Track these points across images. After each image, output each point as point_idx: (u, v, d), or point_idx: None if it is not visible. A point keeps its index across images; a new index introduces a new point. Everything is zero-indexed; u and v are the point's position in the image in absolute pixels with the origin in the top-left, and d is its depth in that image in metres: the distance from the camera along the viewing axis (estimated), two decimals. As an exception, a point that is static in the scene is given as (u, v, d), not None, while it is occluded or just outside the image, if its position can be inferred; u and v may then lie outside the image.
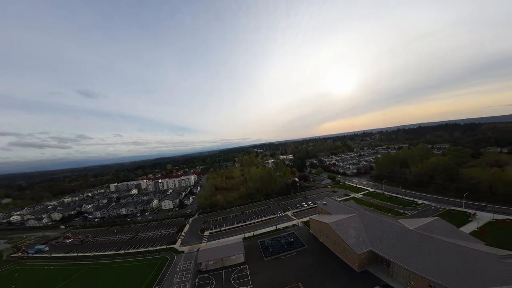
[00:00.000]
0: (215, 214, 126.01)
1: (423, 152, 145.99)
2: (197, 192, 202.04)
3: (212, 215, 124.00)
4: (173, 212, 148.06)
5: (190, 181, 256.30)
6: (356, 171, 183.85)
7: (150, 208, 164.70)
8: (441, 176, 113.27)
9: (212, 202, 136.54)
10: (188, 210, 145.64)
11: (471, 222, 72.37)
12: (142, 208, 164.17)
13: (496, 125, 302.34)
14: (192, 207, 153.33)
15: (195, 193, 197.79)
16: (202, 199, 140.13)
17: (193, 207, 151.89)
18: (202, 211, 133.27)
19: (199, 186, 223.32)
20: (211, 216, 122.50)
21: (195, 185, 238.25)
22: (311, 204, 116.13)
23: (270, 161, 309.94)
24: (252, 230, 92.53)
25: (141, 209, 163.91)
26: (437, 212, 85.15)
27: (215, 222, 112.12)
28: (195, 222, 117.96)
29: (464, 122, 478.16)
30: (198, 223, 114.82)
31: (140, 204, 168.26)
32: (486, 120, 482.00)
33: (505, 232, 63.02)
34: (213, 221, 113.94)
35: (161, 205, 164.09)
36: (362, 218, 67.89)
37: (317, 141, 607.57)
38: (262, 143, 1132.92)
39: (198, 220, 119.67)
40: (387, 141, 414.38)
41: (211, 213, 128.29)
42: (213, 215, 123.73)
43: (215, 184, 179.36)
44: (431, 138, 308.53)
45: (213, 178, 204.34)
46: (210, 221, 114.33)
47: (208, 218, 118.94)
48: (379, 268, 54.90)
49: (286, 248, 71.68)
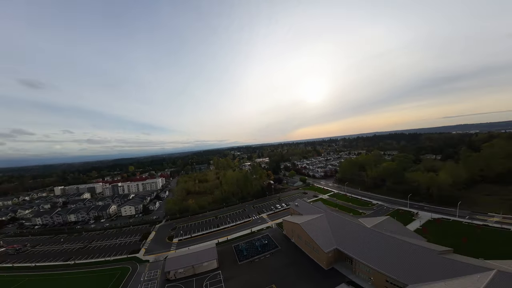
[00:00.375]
0: (186, 220, 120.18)
1: (377, 158, 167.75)
2: (165, 196, 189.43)
3: (182, 221, 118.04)
4: (135, 219, 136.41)
5: (156, 184, 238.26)
6: (324, 174, 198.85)
7: (106, 214, 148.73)
8: (391, 179, 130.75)
9: (183, 207, 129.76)
10: (154, 217, 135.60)
11: (415, 221, 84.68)
12: (97, 215, 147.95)
13: (432, 136, 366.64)
14: (158, 213, 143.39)
15: (163, 198, 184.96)
16: (170, 204, 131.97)
17: (159, 213, 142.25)
18: (170, 217, 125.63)
19: (167, 191, 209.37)
20: (181, 222, 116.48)
21: (162, 189, 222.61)
22: (284, 205, 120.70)
23: (247, 164, 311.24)
24: (226, 235, 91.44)
25: (95, 215, 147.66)
26: (388, 212, 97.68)
27: (186, 228, 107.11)
28: (162, 229, 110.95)
29: (408, 132, 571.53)
30: (166, 230, 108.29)
31: (94, 210, 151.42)
32: (425, 131, 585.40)
33: (441, 230, 74.97)
34: (183, 227, 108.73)
35: (121, 211, 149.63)
36: (328, 218, 73.64)
37: (291, 146, 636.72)
38: (240, 146, 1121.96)
39: (165, 227, 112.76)
40: (349, 147, 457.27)
41: (181, 219, 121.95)
42: (184, 221, 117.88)
43: (187, 188, 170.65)
44: (383, 146, 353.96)
45: (184, 181, 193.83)
46: (179, 227, 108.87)
47: (178, 225, 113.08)
48: (344, 265, 60.17)
49: (261, 250, 72.96)
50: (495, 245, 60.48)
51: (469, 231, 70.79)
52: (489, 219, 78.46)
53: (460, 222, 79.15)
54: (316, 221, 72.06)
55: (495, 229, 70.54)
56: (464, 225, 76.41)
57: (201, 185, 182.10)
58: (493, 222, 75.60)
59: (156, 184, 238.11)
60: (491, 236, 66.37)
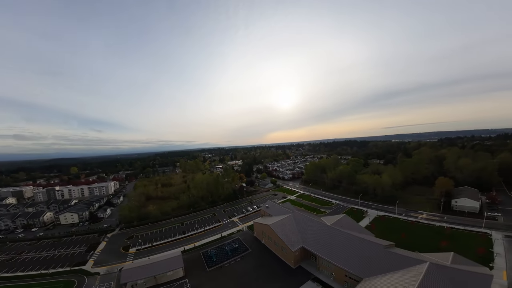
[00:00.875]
0: (146, 228, 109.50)
1: (335, 162, 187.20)
2: (119, 203, 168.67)
3: (141, 229, 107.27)
4: (79, 228, 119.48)
5: (107, 189, 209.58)
6: (292, 176, 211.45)
7: (39, 222, 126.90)
8: (346, 181, 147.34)
9: (141, 214, 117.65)
10: (104, 225, 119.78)
11: (365, 218, 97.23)
12: (26, 223, 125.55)
13: (377, 143, 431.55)
14: (110, 221, 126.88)
15: (116, 204, 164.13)
16: (126, 211, 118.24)
17: (112, 221, 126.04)
18: (125, 225, 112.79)
19: (121, 196, 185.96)
20: (139, 231, 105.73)
21: (115, 195, 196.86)
22: (256, 208, 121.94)
23: (219, 167, 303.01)
24: (194, 242, 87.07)
25: (24, 223, 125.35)
26: (344, 210, 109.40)
27: (145, 237, 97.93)
28: (115, 238, 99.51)
29: (359, 139, 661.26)
30: (120, 239, 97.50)
31: (22, 217, 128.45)
32: (372, 139, 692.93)
33: (385, 226, 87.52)
34: (142, 236, 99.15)
35: (59, 219, 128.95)
36: (295, 218, 77.93)
37: (263, 149, 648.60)
38: (211, 148, 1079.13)
39: (119, 236, 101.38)
40: (313, 151, 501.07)
41: (140, 227, 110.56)
42: (143, 229, 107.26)
43: (147, 192, 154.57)
44: (340, 151, 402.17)
45: (143, 185, 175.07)
46: (137, 236, 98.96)
47: (135, 233, 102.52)
48: (309, 263, 64.65)
49: (231, 255, 72.15)
50: (425, 239, 73.28)
51: (405, 227, 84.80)
52: (419, 216, 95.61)
53: (399, 218, 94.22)
54: (284, 221, 75.38)
55: (424, 224, 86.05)
56: (402, 221, 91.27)
57: (164, 189, 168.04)
58: (423, 218, 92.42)
59: (107, 188, 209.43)
60: (422, 231, 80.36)
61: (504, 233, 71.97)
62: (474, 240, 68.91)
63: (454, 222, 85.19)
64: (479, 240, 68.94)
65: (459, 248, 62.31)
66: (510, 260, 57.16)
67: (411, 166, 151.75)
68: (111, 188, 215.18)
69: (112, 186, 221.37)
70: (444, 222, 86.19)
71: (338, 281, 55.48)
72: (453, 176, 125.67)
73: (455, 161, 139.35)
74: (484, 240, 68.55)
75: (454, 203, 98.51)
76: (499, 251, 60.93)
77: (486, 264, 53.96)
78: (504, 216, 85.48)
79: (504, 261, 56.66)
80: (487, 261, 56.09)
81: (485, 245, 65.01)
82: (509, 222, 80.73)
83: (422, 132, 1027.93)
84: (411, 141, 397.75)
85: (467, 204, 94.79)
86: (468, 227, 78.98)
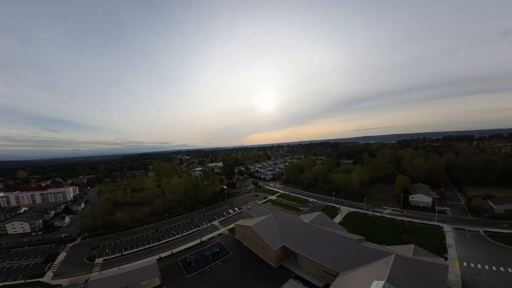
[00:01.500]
0: (114, 236, 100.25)
1: (311, 162, 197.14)
2: (80, 210, 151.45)
3: (108, 238, 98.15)
4: (32, 238, 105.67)
5: (65, 195, 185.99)
6: (273, 177, 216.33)
7: None
8: (321, 180, 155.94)
9: (108, 222, 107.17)
10: (62, 234, 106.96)
11: (338, 214, 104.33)
12: None
13: (347, 144, 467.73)
14: (70, 230, 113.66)
15: (76, 212, 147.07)
16: (89, 219, 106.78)
17: (72, 230, 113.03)
18: (89, 234, 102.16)
19: (83, 202, 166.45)
20: (106, 240, 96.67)
21: (75, 201, 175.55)
22: (237, 210, 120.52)
23: (197, 169, 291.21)
24: (170, 249, 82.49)
25: None
26: (320, 207, 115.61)
27: (114, 246, 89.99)
28: (77, 248, 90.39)
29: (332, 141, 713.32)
30: (83, 249, 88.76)
31: None
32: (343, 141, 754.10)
33: (356, 221, 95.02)
34: (109, 245, 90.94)
35: (6, 228, 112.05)
36: (276, 217, 79.81)
37: (245, 150, 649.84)
38: (189, 149, 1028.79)
39: (82, 246, 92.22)
40: (292, 152, 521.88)
41: (107, 236, 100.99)
42: (110, 238, 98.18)
43: (114, 198, 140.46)
44: (316, 152, 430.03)
45: (109, 191, 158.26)
46: (104, 245, 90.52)
47: (101, 242, 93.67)
48: (290, 261, 66.63)
49: (212, 259, 70.26)
50: (389, 232, 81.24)
51: (373, 221, 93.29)
52: (384, 211, 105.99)
53: (367, 214, 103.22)
54: (266, 221, 76.54)
55: (388, 219, 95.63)
56: (369, 216, 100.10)
57: (135, 195, 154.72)
58: (387, 213, 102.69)
59: (64, 194, 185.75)
60: (386, 225, 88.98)
61: (453, 225, 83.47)
62: (430, 233, 78.50)
63: (412, 216, 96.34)
64: (434, 232, 78.77)
65: (418, 240, 70.80)
66: (460, 251, 66.09)
67: (376, 165, 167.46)
68: (69, 194, 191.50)
69: (71, 192, 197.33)
70: (404, 216, 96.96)
71: (317, 277, 58.37)
72: (410, 174, 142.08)
73: (411, 161, 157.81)
74: (438, 232, 78.52)
75: (411, 199, 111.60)
76: (451, 243, 70.19)
77: (441, 255, 61.79)
78: (452, 210, 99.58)
79: (455, 252, 65.34)
80: (442, 252, 64.14)
81: (439, 237, 74.46)
82: (456, 215, 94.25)
83: (384, 135, 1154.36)
84: (375, 143, 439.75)
85: (421, 199, 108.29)
86: (424, 220, 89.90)
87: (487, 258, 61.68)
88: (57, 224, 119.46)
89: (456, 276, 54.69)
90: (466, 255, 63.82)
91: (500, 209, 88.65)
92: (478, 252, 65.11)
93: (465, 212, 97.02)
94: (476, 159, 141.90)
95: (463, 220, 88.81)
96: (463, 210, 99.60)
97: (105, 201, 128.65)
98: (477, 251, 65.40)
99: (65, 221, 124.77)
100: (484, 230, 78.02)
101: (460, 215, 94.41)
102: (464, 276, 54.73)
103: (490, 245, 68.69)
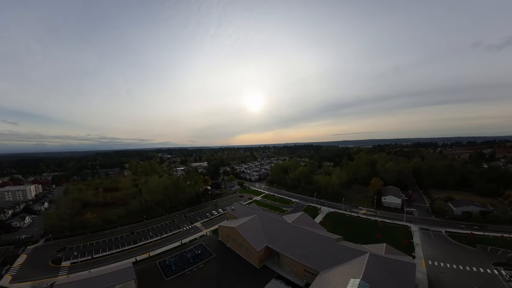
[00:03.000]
0: (83, 238, 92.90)
1: (295, 163, 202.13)
2: (43, 210, 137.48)
3: (77, 240, 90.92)
4: None
5: (25, 193, 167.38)
6: (258, 177, 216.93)
7: None
8: (304, 181, 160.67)
9: (76, 223, 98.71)
10: (22, 236, 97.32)
11: (319, 214, 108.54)
12: None
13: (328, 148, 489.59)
14: (31, 231, 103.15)
15: (38, 212, 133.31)
16: (53, 219, 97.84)
17: (33, 231, 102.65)
18: (54, 235, 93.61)
19: (46, 202, 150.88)
20: (74, 241, 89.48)
21: (38, 200, 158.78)
22: (221, 211, 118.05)
23: (179, 169, 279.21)
24: (148, 251, 78.60)
25: None
26: (303, 208, 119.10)
27: (83, 248, 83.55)
28: (40, 250, 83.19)
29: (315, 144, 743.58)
30: (48, 251, 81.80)
31: None
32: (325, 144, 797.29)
33: (334, 221, 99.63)
34: (78, 247, 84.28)
35: None
36: (260, 218, 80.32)
37: (231, 150, 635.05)
38: (172, 147, 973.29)
39: (46, 248, 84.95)
40: (278, 154, 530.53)
41: (75, 238, 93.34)
42: (79, 240, 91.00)
43: (83, 198, 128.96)
44: (300, 153, 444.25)
45: (78, 190, 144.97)
46: (72, 247, 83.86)
47: (69, 245, 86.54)
48: (273, 261, 67.57)
49: (193, 262, 68.37)
50: (364, 231, 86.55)
51: (350, 221, 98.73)
52: (360, 211, 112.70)
53: (345, 214, 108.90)
54: (250, 222, 76.62)
55: (363, 219, 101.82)
56: (347, 216, 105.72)
57: (108, 194, 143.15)
58: (362, 213, 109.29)
59: (24, 192, 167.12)
60: (361, 224, 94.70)
61: (419, 225, 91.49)
62: (399, 232, 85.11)
63: (384, 216, 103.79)
64: (403, 232, 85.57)
65: (390, 239, 76.28)
66: (426, 250, 72.27)
67: (353, 168, 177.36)
68: (30, 193, 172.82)
69: (33, 190, 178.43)
70: (377, 216, 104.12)
71: (298, 276, 60.01)
72: (383, 177, 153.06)
73: (383, 165, 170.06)
74: (406, 232, 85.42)
75: (384, 200, 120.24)
76: (417, 242, 76.75)
77: (409, 253, 67.30)
78: (418, 211, 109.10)
79: (421, 251, 71.43)
80: (410, 251, 69.77)
81: (407, 236, 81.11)
82: (422, 216, 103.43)
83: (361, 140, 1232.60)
84: (353, 147, 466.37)
85: (392, 201, 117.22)
86: (394, 220, 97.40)
87: (449, 257, 67.99)
88: (16, 225, 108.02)
89: (422, 274, 59.57)
90: (431, 254, 69.90)
91: (459, 211, 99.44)
92: (441, 251, 71.65)
93: (429, 213, 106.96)
94: (439, 164, 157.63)
95: (427, 221, 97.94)
96: (427, 211, 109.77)
97: (73, 200, 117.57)
98: (440, 250, 71.97)
99: (26, 222, 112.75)
100: (446, 230, 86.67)
101: (425, 216, 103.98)
102: (430, 274, 59.85)
103: (450, 244, 76.14)
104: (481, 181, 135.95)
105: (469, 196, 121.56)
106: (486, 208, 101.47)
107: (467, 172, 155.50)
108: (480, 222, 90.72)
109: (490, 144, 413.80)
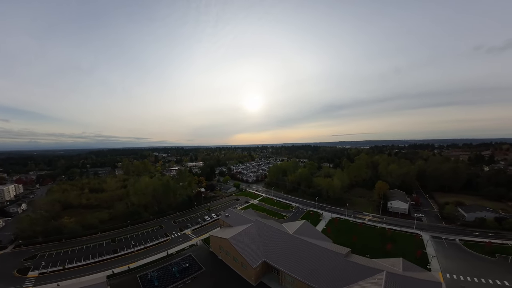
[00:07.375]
0: (58, 245, 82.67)
1: (294, 165, 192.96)
2: (19, 212, 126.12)
3: (50, 247, 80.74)
4: None
5: (3, 193, 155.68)
6: (255, 179, 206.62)
7: None
8: (304, 183, 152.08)
9: (51, 227, 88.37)
10: None
11: (321, 221, 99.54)
12: None
13: (326, 148, 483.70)
14: (1, 235, 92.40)
15: (13, 214, 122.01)
16: (25, 223, 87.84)
17: (4, 235, 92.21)
18: (25, 241, 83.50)
19: (24, 203, 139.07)
20: (47, 249, 79.33)
21: (16, 201, 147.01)
22: (214, 216, 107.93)
23: (173, 169, 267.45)
24: (128, 263, 68.99)
25: None
26: (303, 213, 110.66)
27: (55, 257, 73.86)
28: (5, 258, 74.76)
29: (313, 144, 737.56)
30: (14, 259, 72.88)
31: None
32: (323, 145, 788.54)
33: (338, 228, 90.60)
34: (50, 255, 74.67)
35: None
36: (258, 228, 70.92)
37: (229, 150, 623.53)
38: (168, 146, 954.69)
39: (14, 255, 75.87)
40: (276, 154, 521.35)
41: (48, 244, 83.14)
42: (53, 247, 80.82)
43: (65, 199, 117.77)
44: (298, 154, 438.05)
45: (61, 190, 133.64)
46: (43, 255, 74.40)
47: (40, 252, 76.73)
48: (271, 277, 58.62)
49: (179, 276, 59.05)
50: (372, 241, 77.92)
51: (355, 229, 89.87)
52: (364, 217, 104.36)
53: (349, 220, 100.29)
54: (245, 232, 67.66)
55: (370, 226, 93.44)
56: (351, 223, 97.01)
57: (92, 196, 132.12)
58: (367, 220, 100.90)
59: (2, 192, 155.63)
60: (368, 232, 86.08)
61: (430, 233, 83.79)
62: (411, 242, 77.05)
63: (392, 223, 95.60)
64: (414, 241, 77.37)
65: (401, 250, 68.53)
66: (441, 261, 64.84)
67: (355, 170, 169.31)
68: (8, 193, 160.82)
69: (12, 190, 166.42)
70: (384, 223, 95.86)
71: (301, 297, 51.31)
72: (386, 179, 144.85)
73: (386, 167, 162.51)
74: (418, 241, 77.34)
75: (390, 205, 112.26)
76: (432, 252, 68.81)
77: (424, 266, 59.53)
78: (426, 217, 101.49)
79: (437, 263, 63.85)
80: (424, 263, 61.93)
81: (420, 246, 73.09)
82: (431, 222, 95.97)
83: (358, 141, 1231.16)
84: (351, 148, 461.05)
85: (399, 206, 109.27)
86: (403, 228, 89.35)
87: (467, 268, 61.07)
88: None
89: (443, 290, 51.90)
90: (448, 266, 62.67)
91: (471, 217, 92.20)
92: (458, 262, 64.50)
93: (439, 219, 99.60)
94: (443, 167, 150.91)
95: (438, 228, 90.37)
96: (436, 217, 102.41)
97: (53, 202, 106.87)
98: (457, 261, 64.79)
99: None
100: (460, 238, 79.25)
101: (435, 222, 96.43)
102: (450, 289, 52.31)
103: (468, 254, 68.94)
104: (489, 184, 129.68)
105: (477, 201, 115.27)
106: (498, 213, 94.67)
107: (473, 175, 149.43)
108: (495, 229, 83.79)
109: (487, 146, 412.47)
